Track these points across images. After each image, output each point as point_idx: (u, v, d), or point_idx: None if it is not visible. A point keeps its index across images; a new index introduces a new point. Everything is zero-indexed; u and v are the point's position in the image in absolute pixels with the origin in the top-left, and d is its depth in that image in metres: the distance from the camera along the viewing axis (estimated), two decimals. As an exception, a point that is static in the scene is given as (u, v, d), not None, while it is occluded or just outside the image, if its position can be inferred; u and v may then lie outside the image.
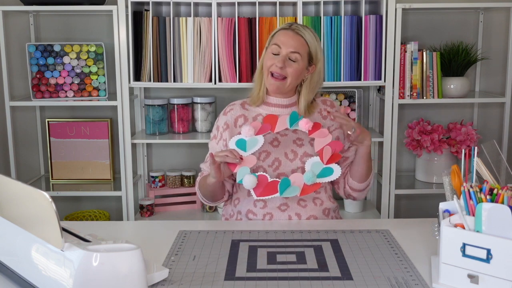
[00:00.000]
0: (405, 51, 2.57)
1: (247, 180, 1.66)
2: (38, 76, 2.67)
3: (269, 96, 1.85)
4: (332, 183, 1.90)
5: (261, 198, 1.69)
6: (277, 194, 1.67)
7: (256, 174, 1.70)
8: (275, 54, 1.77)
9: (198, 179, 1.90)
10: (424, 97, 2.61)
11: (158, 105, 2.70)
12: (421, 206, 2.95)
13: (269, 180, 1.70)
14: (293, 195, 1.68)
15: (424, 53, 2.58)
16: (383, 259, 1.41)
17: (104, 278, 1.13)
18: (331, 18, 2.52)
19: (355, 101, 2.68)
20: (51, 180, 2.80)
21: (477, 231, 1.20)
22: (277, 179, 1.70)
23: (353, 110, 2.69)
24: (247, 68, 2.54)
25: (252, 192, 1.69)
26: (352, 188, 1.87)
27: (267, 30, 2.50)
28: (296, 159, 1.78)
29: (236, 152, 1.68)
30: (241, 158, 1.68)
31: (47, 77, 2.68)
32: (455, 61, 2.65)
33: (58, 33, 2.83)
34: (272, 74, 1.77)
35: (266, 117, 1.80)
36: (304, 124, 1.74)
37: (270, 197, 1.68)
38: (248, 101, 1.89)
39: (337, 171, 1.69)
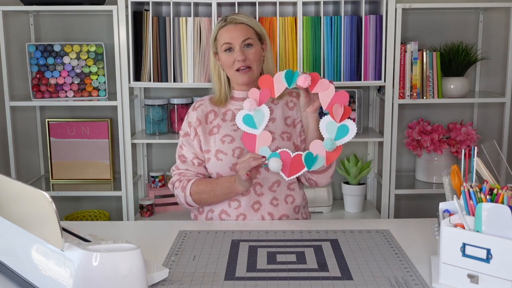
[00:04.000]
0: (405, 51, 2.57)
1: (273, 164, 1.65)
2: (38, 76, 2.67)
3: (235, 91, 1.88)
4: None
5: (291, 178, 1.67)
6: (305, 169, 1.65)
7: (278, 152, 1.67)
8: (229, 52, 1.80)
9: (189, 186, 1.80)
10: (424, 97, 2.61)
11: (158, 105, 2.70)
12: (421, 206, 2.95)
13: (292, 156, 1.67)
14: (320, 166, 1.65)
15: (424, 53, 2.58)
16: (383, 259, 1.41)
17: (104, 278, 1.13)
18: (331, 18, 2.52)
19: (355, 101, 2.68)
20: (51, 180, 2.80)
21: (477, 231, 1.20)
22: (299, 152, 1.68)
23: (353, 110, 2.69)
24: (247, 68, 2.54)
25: (282, 174, 1.68)
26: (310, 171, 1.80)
27: (267, 30, 2.50)
28: None
29: (255, 154, 1.66)
30: (263, 157, 1.66)
31: (47, 77, 2.68)
32: (455, 61, 2.64)
33: (58, 33, 2.83)
34: (237, 70, 1.80)
35: (260, 79, 1.71)
36: (302, 82, 1.64)
37: (300, 173, 1.67)
38: (214, 102, 1.90)
39: (352, 127, 1.62)
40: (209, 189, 1.78)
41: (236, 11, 2.49)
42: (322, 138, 1.67)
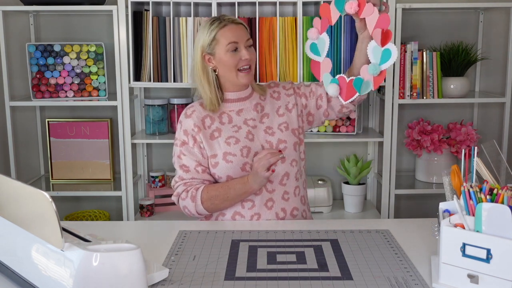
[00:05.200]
0: (405, 51, 2.57)
1: (332, 89, 1.76)
2: (38, 76, 2.67)
3: (227, 93, 1.84)
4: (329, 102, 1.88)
5: (348, 101, 1.77)
6: (357, 94, 1.73)
7: (336, 78, 1.75)
8: (234, 51, 1.77)
9: (199, 194, 1.75)
10: (424, 97, 2.61)
11: (158, 105, 2.70)
12: (421, 206, 2.95)
13: (347, 81, 1.74)
14: (369, 90, 1.72)
15: (424, 53, 2.58)
16: (383, 259, 1.41)
17: (104, 278, 1.13)
18: (331, 18, 2.52)
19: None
20: (51, 180, 2.80)
21: (477, 231, 1.20)
22: (352, 77, 1.75)
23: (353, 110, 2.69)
24: (247, 68, 2.54)
25: (340, 98, 1.77)
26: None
27: (267, 30, 2.50)
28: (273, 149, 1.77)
29: (272, 149, 1.71)
30: (280, 151, 1.71)
31: (47, 77, 2.68)
32: (455, 61, 2.65)
33: (58, 33, 2.83)
34: (239, 69, 1.78)
35: (321, 8, 1.76)
36: (348, 8, 1.68)
37: (354, 97, 1.75)
38: (205, 107, 1.84)
39: (394, 51, 1.64)
40: (221, 193, 1.75)
41: (236, 11, 2.50)
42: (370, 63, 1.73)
